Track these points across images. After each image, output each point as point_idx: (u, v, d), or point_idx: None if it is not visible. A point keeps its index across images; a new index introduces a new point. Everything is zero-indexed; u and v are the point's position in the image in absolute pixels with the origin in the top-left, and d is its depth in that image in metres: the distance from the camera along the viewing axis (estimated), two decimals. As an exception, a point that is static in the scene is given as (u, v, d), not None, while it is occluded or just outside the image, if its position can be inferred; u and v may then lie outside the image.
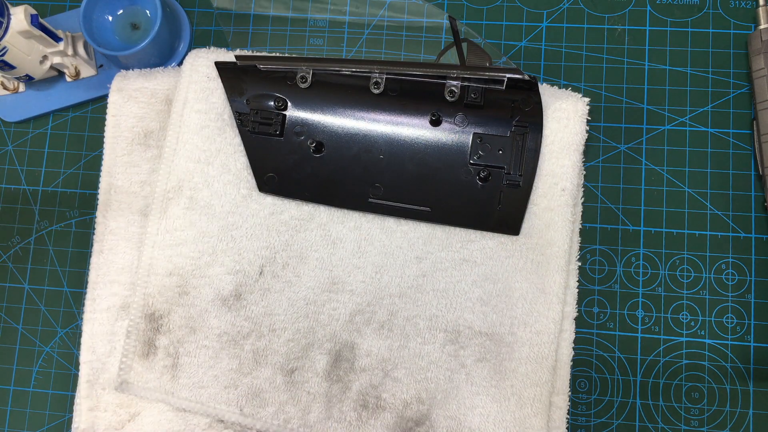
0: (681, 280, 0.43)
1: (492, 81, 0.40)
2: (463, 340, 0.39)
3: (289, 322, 0.40)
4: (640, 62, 0.46)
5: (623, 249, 0.44)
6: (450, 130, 0.41)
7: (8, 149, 0.49)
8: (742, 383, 0.42)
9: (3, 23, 0.41)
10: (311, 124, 0.42)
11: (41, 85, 0.48)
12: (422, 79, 0.40)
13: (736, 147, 0.44)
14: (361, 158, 0.41)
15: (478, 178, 0.40)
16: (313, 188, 0.41)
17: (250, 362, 0.39)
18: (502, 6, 0.47)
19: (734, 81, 0.45)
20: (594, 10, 0.47)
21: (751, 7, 0.46)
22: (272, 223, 0.41)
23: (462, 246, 0.40)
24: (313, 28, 0.48)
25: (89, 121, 0.48)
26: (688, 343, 0.42)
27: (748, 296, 0.43)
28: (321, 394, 0.39)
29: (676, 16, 0.46)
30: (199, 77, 0.43)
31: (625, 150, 0.45)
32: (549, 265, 0.39)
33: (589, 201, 0.44)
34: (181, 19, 0.48)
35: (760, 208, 0.44)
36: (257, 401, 0.39)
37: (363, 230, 0.41)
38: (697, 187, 0.44)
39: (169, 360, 0.40)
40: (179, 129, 0.42)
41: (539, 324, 0.39)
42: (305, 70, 0.41)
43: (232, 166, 0.42)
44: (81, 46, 0.47)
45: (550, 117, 0.40)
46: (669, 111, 0.45)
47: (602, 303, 0.43)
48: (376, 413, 0.38)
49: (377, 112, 0.41)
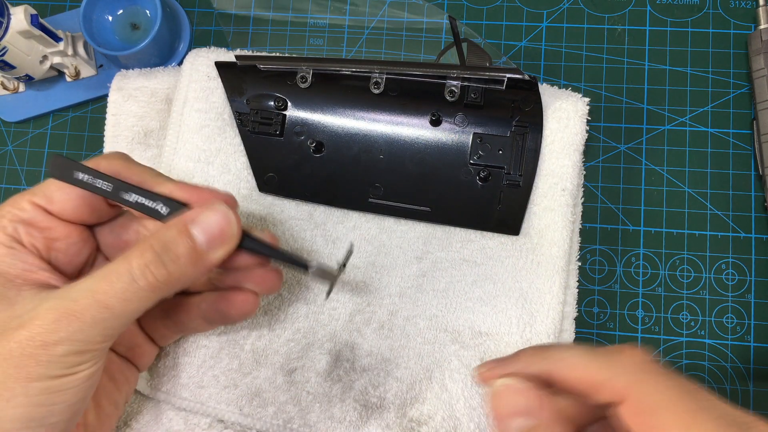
0: (681, 280, 0.43)
1: (492, 81, 0.40)
2: (464, 339, 0.39)
3: (289, 322, 0.40)
4: (640, 62, 0.46)
5: (623, 249, 0.44)
6: (450, 130, 0.41)
7: (8, 149, 0.49)
8: (742, 383, 0.42)
9: (3, 23, 0.41)
10: (311, 124, 0.42)
11: (41, 85, 0.48)
12: (422, 79, 0.40)
13: (736, 147, 0.44)
14: (361, 158, 0.41)
15: (478, 178, 0.40)
16: (313, 188, 0.41)
17: (250, 362, 0.39)
18: (502, 6, 0.48)
19: (734, 81, 0.45)
20: (594, 10, 0.47)
21: (751, 7, 0.46)
22: (272, 223, 0.41)
23: (462, 246, 0.40)
24: (313, 28, 0.48)
25: (89, 121, 0.48)
26: (688, 343, 0.42)
27: (748, 296, 0.43)
28: (322, 394, 0.39)
29: (676, 16, 0.46)
30: (199, 77, 0.43)
31: (625, 150, 0.45)
32: (549, 265, 0.39)
33: (589, 201, 0.44)
34: (181, 19, 0.48)
35: (760, 208, 0.44)
36: (257, 401, 0.39)
37: (362, 230, 0.41)
38: (697, 187, 0.44)
39: (169, 360, 0.40)
40: (179, 128, 0.42)
41: (539, 324, 0.39)
42: (305, 70, 0.41)
43: (232, 166, 0.42)
44: (81, 46, 0.47)
45: (550, 117, 0.40)
46: (669, 111, 0.45)
47: (602, 303, 0.43)
48: (377, 413, 0.38)
49: (377, 112, 0.41)
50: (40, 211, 0.32)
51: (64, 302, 0.27)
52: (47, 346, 0.27)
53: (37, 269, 0.31)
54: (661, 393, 0.23)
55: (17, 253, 0.30)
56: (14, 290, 0.29)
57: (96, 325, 0.27)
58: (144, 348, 0.37)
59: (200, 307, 0.35)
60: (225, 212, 0.31)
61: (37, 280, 0.30)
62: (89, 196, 0.32)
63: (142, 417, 0.40)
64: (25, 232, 0.31)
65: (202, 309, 0.35)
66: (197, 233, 0.30)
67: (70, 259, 0.33)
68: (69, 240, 0.33)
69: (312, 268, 0.32)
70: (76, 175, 0.31)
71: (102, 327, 0.27)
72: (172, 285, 0.29)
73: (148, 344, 0.37)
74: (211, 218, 0.30)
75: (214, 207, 0.31)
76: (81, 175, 0.31)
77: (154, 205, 0.31)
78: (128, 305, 0.28)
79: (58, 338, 0.27)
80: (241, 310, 0.35)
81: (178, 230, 0.30)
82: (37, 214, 0.32)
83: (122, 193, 0.31)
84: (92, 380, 0.29)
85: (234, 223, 0.31)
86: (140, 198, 0.31)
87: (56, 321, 0.27)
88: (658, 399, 0.23)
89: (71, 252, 0.33)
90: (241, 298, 0.35)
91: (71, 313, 0.27)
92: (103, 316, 0.27)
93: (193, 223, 0.30)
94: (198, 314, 0.35)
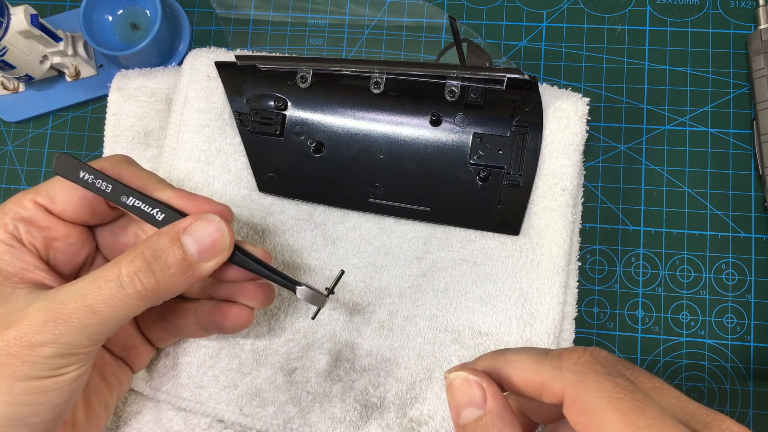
0: (681, 280, 0.43)
1: (492, 81, 0.40)
2: (464, 340, 0.39)
3: (289, 322, 0.40)
4: (640, 62, 0.46)
5: (623, 249, 0.44)
6: (450, 130, 0.41)
7: (8, 149, 0.49)
8: (742, 383, 0.42)
9: (3, 23, 0.41)
10: (311, 124, 0.42)
11: (41, 85, 0.48)
12: (422, 79, 0.40)
13: (736, 147, 0.44)
14: (361, 158, 0.41)
15: (478, 178, 0.40)
16: (313, 188, 0.41)
17: (250, 362, 0.39)
18: (502, 6, 0.48)
19: (734, 81, 0.45)
20: (594, 10, 0.47)
21: (751, 7, 0.46)
22: (272, 223, 0.41)
23: (462, 246, 0.40)
24: (313, 28, 0.48)
25: (89, 121, 0.48)
26: (688, 343, 0.42)
27: (748, 296, 0.43)
28: (322, 394, 0.39)
29: (676, 16, 0.46)
30: (199, 77, 0.43)
31: (625, 150, 0.45)
32: (549, 265, 0.39)
33: (589, 201, 0.44)
34: (181, 19, 0.48)
35: (760, 208, 0.44)
36: (257, 401, 0.39)
37: (362, 230, 0.41)
38: (697, 187, 0.44)
39: (169, 360, 0.40)
40: (179, 128, 0.42)
41: (539, 324, 0.39)
42: (305, 70, 0.41)
43: (232, 166, 0.42)
44: (81, 46, 0.47)
45: (550, 117, 0.40)
46: (669, 111, 0.45)
47: (602, 303, 0.43)
48: (377, 413, 0.38)
49: (377, 112, 0.41)
50: (42, 210, 0.32)
51: (53, 304, 0.27)
52: (33, 347, 0.27)
53: (33, 268, 0.31)
54: (598, 393, 0.23)
55: (16, 251, 0.31)
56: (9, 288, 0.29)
57: (83, 329, 0.27)
58: (140, 349, 0.37)
59: (196, 314, 0.35)
60: (219, 224, 0.31)
61: (32, 279, 0.30)
62: (91, 197, 0.32)
63: (142, 417, 0.40)
64: (25, 231, 0.31)
65: (198, 316, 0.35)
66: (189, 243, 0.30)
67: (69, 259, 0.33)
68: (68, 240, 0.33)
69: (300, 290, 0.33)
70: (80, 175, 0.31)
71: (89, 331, 0.27)
72: (161, 294, 0.29)
73: (144, 345, 0.37)
74: (204, 229, 0.30)
75: (208, 218, 0.31)
76: (85, 175, 0.31)
77: (150, 211, 0.32)
78: (115, 311, 0.28)
79: (44, 339, 0.27)
80: (234, 323, 0.35)
81: (170, 239, 0.30)
82: (38, 213, 0.32)
83: (121, 196, 0.32)
84: (78, 382, 0.29)
85: (227, 235, 0.31)
86: (138, 202, 0.32)
87: (44, 323, 0.27)
88: (594, 400, 0.23)
89: (70, 252, 0.33)
90: (235, 311, 0.35)
91: (59, 315, 0.27)
92: (90, 320, 0.27)
93: (185, 232, 0.30)
94: (193, 320, 0.35)
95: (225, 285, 0.35)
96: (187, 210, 0.32)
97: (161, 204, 0.32)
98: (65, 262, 0.33)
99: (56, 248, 0.32)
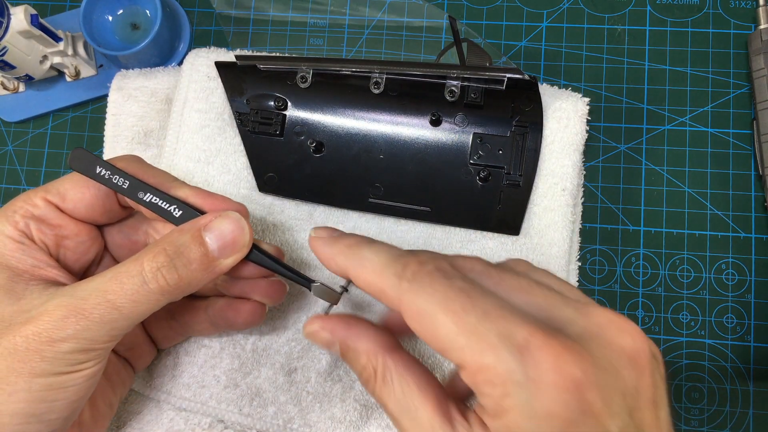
0: (681, 280, 0.43)
1: (492, 81, 0.40)
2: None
3: (290, 321, 0.40)
4: (640, 62, 0.46)
5: (623, 249, 0.44)
6: (450, 130, 0.41)
7: (8, 149, 0.49)
8: (742, 383, 0.42)
9: (3, 23, 0.41)
10: (311, 124, 0.42)
11: (41, 85, 0.48)
12: (422, 79, 0.40)
13: (736, 147, 0.44)
14: (361, 158, 0.41)
15: (478, 178, 0.40)
16: (313, 188, 0.41)
17: (251, 362, 0.39)
18: (502, 6, 0.48)
19: (734, 81, 0.45)
20: (594, 10, 0.47)
21: (751, 7, 0.46)
22: (272, 223, 0.41)
23: (462, 246, 0.40)
24: (313, 28, 0.48)
25: (89, 121, 0.48)
26: (688, 343, 0.43)
27: (748, 296, 0.43)
28: (322, 394, 0.39)
29: (676, 16, 0.46)
30: (199, 77, 0.43)
31: (625, 150, 0.45)
32: (549, 265, 0.39)
33: (589, 201, 0.44)
34: (181, 19, 0.48)
35: (760, 208, 0.44)
36: (258, 401, 0.39)
37: (362, 230, 0.41)
38: (697, 187, 0.44)
39: (170, 359, 0.40)
40: (179, 128, 0.42)
41: (539, 324, 0.39)
42: (305, 70, 0.41)
43: (232, 166, 0.42)
44: (81, 46, 0.47)
45: (550, 117, 0.40)
46: (669, 111, 0.45)
47: (602, 303, 0.43)
48: (378, 413, 0.38)
49: (377, 112, 0.41)
50: (53, 208, 0.32)
51: (72, 300, 0.27)
52: (53, 342, 0.27)
53: (45, 266, 0.31)
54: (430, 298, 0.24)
55: (27, 248, 0.31)
56: (22, 285, 0.29)
57: (104, 324, 0.27)
58: (143, 348, 0.37)
59: (207, 311, 0.36)
60: (239, 221, 0.31)
61: (45, 276, 0.30)
62: (102, 196, 0.32)
63: (143, 417, 0.40)
64: (36, 229, 0.31)
65: (209, 314, 0.36)
66: (210, 240, 0.30)
67: (78, 257, 0.33)
68: (78, 238, 0.33)
69: (314, 287, 0.33)
70: (96, 170, 0.31)
71: (109, 327, 0.28)
72: (182, 289, 0.29)
73: (147, 345, 0.37)
74: (225, 226, 0.31)
75: (228, 215, 0.31)
76: (101, 171, 0.31)
77: (168, 207, 0.32)
78: (137, 307, 0.28)
79: (64, 335, 0.27)
80: (247, 320, 0.35)
81: (191, 235, 0.30)
82: (49, 211, 0.32)
83: (138, 192, 0.32)
84: (94, 379, 0.29)
85: (247, 232, 0.31)
86: (155, 198, 0.32)
87: (64, 318, 0.27)
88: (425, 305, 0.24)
89: (80, 250, 0.33)
90: (248, 307, 0.35)
91: (79, 311, 0.27)
92: (112, 316, 0.28)
93: (206, 229, 0.30)
94: (204, 318, 0.36)
95: (239, 282, 0.35)
96: (204, 207, 0.32)
97: (179, 201, 0.32)
98: (75, 260, 0.33)
99: (66, 246, 0.32)
